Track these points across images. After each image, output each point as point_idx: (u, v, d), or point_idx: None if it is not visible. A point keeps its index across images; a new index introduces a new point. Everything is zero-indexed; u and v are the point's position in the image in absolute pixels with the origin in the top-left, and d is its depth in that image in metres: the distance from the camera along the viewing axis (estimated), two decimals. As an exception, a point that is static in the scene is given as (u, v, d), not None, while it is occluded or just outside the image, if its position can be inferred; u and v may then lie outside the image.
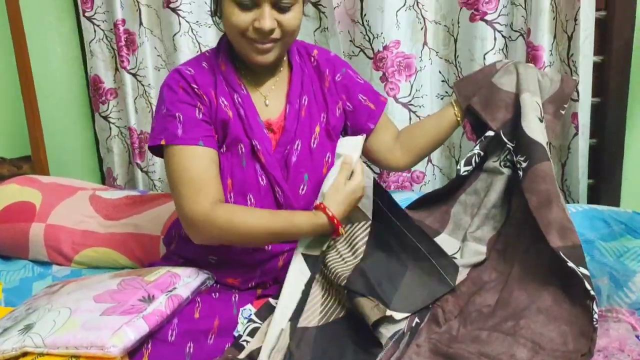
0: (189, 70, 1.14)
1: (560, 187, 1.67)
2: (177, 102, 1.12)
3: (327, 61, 1.25)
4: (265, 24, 1.05)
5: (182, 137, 1.10)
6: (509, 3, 1.59)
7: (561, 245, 1.04)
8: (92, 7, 1.93)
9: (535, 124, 1.16)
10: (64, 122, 2.14)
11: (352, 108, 1.27)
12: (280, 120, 1.19)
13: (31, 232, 1.56)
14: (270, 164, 1.15)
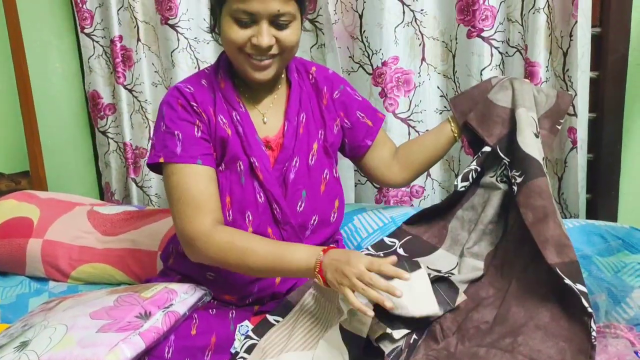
0: (188, 88, 1.14)
1: (557, 201, 1.67)
2: (176, 119, 1.12)
3: (326, 79, 1.26)
4: (263, 40, 1.06)
5: (181, 155, 1.10)
6: (506, 20, 1.60)
7: (558, 262, 1.03)
8: (91, 24, 1.95)
9: (530, 139, 1.16)
10: (62, 137, 2.14)
11: (350, 125, 1.27)
12: (278, 137, 1.19)
13: (28, 248, 1.56)
14: (268, 181, 1.15)
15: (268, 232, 1.17)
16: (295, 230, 1.18)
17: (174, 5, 1.79)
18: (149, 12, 1.88)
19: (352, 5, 1.68)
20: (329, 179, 1.22)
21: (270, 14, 1.05)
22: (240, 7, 1.04)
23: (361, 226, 1.48)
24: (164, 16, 1.81)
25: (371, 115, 1.29)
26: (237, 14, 1.06)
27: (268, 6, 1.04)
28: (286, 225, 1.17)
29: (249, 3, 1.04)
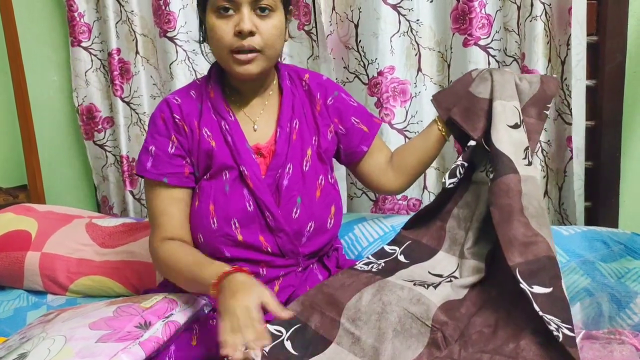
0: (176, 100, 1.18)
1: (557, 210, 1.67)
2: (155, 134, 1.17)
3: (319, 85, 1.26)
4: (245, 25, 1.07)
5: (150, 171, 1.16)
6: (502, 28, 1.61)
7: (520, 262, 1.02)
8: (89, 37, 1.96)
9: (503, 133, 1.14)
10: (59, 150, 2.14)
11: (345, 131, 1.27)
12: (270, 144, 1.19)
13: (26, 261, 1.55)
14: (259, 189, 1.15)
15: (260, 240, 1.16)
16: (290, 238, 1.17)
17: (173, 18, 1.80)
18: (148, 25, 1.89)
19: (348, 15, 1.69)
20: (324, 185, 1.21)
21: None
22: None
23: (362, 235, 1.47)
24: (162, 29, 1.82)
25: (367, 121, 1.29)
26: (217, 2, 1.08)
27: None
28: (280, 232, 1.16)
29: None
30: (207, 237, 1.16)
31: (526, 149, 1.15)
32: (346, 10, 1.69)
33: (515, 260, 1.03)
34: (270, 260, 1.17)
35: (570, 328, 0.95)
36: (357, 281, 1.14)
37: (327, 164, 1.25)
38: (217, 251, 1.16)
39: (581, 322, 1.08)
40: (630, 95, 1.62)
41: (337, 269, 1.28)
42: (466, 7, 1.57)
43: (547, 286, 1.00)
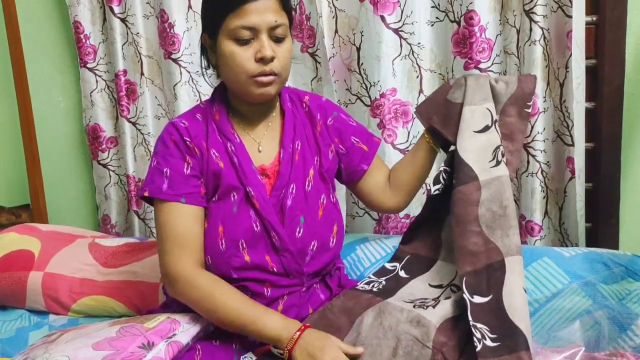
0: (183, 123, 1.19)
1: (558, 230, 1.68)
2: (167, 156, 1.17)
3: (319, 106, 1.29)
4: (267, 51, 1.10)
5: (166, 192, 1.15)
6: (502, 52, 1.63)
7: (469, 271, 1.06)
8: (94, 59, 1.98)
9: (467, 142, 1.17)
10: (63, 170, 2.15)
11: (345, 150, 1.29)
12: (274, 165, 1.21)
13: (29, 281, 1.55)
14: (265, 209, 1.16)
15: (266, 260, 1.16)
16: (295, 257, 1.18)
17: (177, 40, 1.82)
18: (153, 47, 1.92)
19: (350, 38, 1.72)
20: (326, 204, 1.23)
21: (268, 25, 1.10)
22: (239, 23, 1.09)
23: (364, 256, 1.48)
24: (167, 51, 1.84)
25: (366, 140, 1.31)
26: (237, 32, 1.10)
27: (266, 17, 1.09)
28: (285, 252, 1.17)
29: (247, 17, 1.09)
30: (216, 259, 1.16)
31: (496, 149, 1.16)
32: (348, 33, 1.72)
33: (464, 270, 1.07)
34: (275, 280, 1.18)
35: (495, 338, 0.99)
36: (358, 303, 1.15)
37: (329, 183, 1.26)
38: (225, 272, 1.16)
39: (581, 341, 1.08)
40: (629, 117, 1.64)
41: (339, 288, 1.29)
42: (467, 32, 1.60)
43: (485, 295, 1.04)
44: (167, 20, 1.81)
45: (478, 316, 1.03)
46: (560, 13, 1.53)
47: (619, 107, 1.63)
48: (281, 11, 1.13)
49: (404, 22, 1.66)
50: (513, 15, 1.60)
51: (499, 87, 1.23)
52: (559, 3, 1.53)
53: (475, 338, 1.00)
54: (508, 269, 1.06)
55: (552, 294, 1.27)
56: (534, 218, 1.64)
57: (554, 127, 1.63)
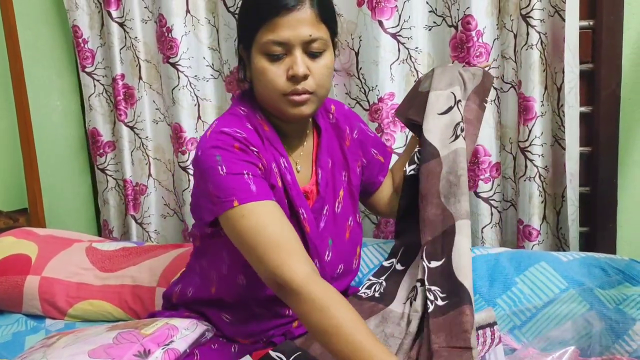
0: (238, 132, 1.04)
1: (555, 235, 1.68)
2: (238, 161, 1.01)
3: (345, 118, 1.23)
4: (299, 69, 1.01)
5: (258, 193, 0.98)
6: (500, 56, 1.64)
7: (429, 239, 1.12)
8: (92, 63, 1.98)
9: (431, 124, 1.23)
10: (60, 175, 2.15)
11: (367, 163, 1.26)
12: (312, 185, 1.14)
13: (26, 285, 1.55)
14: (314, 234, 1.07)
15: None
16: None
17: (175, 45, 1.82)
18: (151, 51, 1.92)
19: (349, 43, 1.72)
20: (353, 226, 1.19)
21: (302, 40, 1.01)
22: (270, 38, 1.01)
23: (362, 262, 1.47)
24: (165, 55, 1.84)
25: (382, 151, 1.30)
26: (267, 47, 1.02)
27: (299, 32, 1.01)
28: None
29: (278, 32, 1.01)
30: (250, 278, 1.06)
31: (456, 125, 1.22)
32: (347, 38, 1.72)
33: (425, 239, 1.12)
34: None
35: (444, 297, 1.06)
36: (360, 311, 1.14)
37: (356, 201, 1.21)
38: (257, 293, 1.10)
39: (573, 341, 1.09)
40: (626, 122, 1.64)
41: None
42: (464, 36, 1.60)
43: (439, 259, 1.11)
44: (165, 24, 1.81)
45: (432, 279, 1.09)
46: (557, 17, 1.54)
47: (615, 111, 1.63)
48: (319, 23, 1.03)
49: (401, 26, 1.66)
50: (510, 19, 1.60)
51: (466, 76, 1.30)
52: (555, 8, 1.54)
53: (428, 300, 1.05)
54: (457, 232, 1.12)
55: (549, 298, 1.27)
56: (532, 223, 1.64)
57: (551, 131, 1.63)
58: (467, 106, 1.28)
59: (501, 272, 1.36)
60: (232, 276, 1.11)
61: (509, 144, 1.69)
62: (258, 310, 1.14)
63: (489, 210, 1.69)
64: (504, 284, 1.34)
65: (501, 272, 1.36)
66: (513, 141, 1.68)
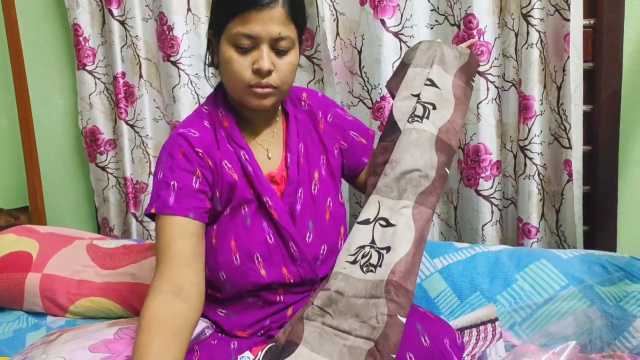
0: (192, 133, 1.10)
1: (555, 232, 1.68)
2: (175, 168, 1.08)
3: (319, 103, 1.27)
4: (264, 64, 1.05)
5: (173, 207, 1.06)
6: (501, 55, 1.64)
7: None
8: (93, 61, 1.99)
9: (402, 103, 1.21)
10: (61, 172, 2.16)
11: (347, 146, 1.28)
12: (281, 170, 1.18)
13: (27, 282, 1.55)
14: (283, 218, 1.12)
15: (283, 273, 1.14)
16: (311, 265, 1.15)
17: (176, 43, 1.83)
18: (152, 50, 1.92)
19: (352, 42, 1.72)
20: (333, 207, 1.21)
21: (271, 37, 1.05)
22: (241, 30, 1.04)
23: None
24: (165, 53, 1.85)
25: (364, 134, 1.31)
26: (237, 39, 1.05)
27: (269, 28, 1.04)
28: (303, 262, 1.14)
29: (249, 25, 1.04)
30: (230, 274, 1.13)
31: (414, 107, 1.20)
32: (350, 37, 1.72)
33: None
34: (289, 288, 1.16)
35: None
36: None
37: (337, 181, 1.24)
38: (241, 286, 1.13)
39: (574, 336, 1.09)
40: (626, 120, 1.65)
41: None
42: (466, 35, 1.61)
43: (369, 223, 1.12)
44: (166, 22, 1.82)
45: None
46: (558, 16, 1.54)
47: (616, 110, 1.64)
48: (289, 23, 1.06)
49: (403, 25, 1.66)
50: (511, 18, 1.60)
51: (452, 53, 1.28)
52: (556, 7, 1.54)
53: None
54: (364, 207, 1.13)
55: (549, 295, 1.28)
56: (531, 220, 1.64)
57: (550, 129, 1.64)
58: (454, 82, 1.24)
59: (501, 269, 1.37)
60: (214, 272, 1.14)
61: (509, 142, 1.69)
62: (250, 299, 1.16)
63: (490, 208, 1.69)
64: (505, 281, 1.34)
65: (501, 269, 1.37)
66: (513, 139, 1.68)
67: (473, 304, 1.33)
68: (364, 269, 1.05)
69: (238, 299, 1.16)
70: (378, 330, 0.98)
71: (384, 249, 1.06)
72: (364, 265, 1.06)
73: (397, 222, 1.09)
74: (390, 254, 1.05)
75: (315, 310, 1.03)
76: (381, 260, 1.05)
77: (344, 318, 1.01)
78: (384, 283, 1.02)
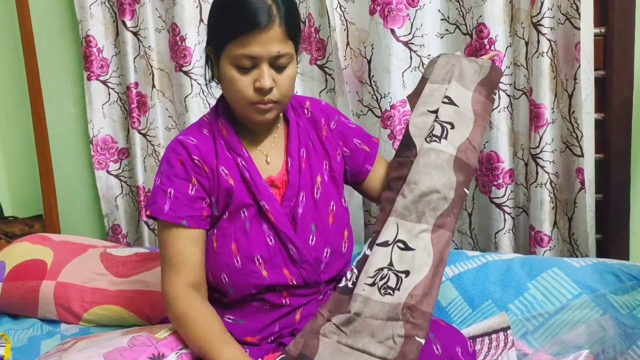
0: (191, 140, 1.16)
1: (567, 241, 1.68)
2: (172, 176, 1.15)
3: (321, 111, 1.30)
4: (265, 83, 1.09)
5: (167, 214, 1.13)
6: (512, 64, 1.64)
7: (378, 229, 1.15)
8: (107, 71, 2.01)
9: (419, 119, 1.23)
10: (75, 181, 2.18)
11: (350, 153, 1.30)
12: (282, 174, 1.21)
13: (41, 290, 1.57)
14: (280, 221, 1.16)
15: (285, 274, 1.16)
16: (313, 267, 1.18)
17: (188, 53, 1.85)
18: (164, 60, 1.94)
19: (361, 51, 1.73)
20: (336, 211, 1.23)
21: (270, 56, 1.08)
22: (241, 52, 1.08)
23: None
24: (178, 63, 1.87)
25: (367, 142, 1.33)
26: (238, 60, 1.09)
27: (269, 48, 1.08)
28: (304, 263, 1.16)
29: (249, 47, 1.07)
30: (232, 276, 1.15)
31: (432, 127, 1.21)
32: (359, 46, 1.73)
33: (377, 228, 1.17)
34: (294, 290, 1.18)
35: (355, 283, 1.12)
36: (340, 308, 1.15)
37: (340, 186, 1.27)
38: (243, 289, 1.16)
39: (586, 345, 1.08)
40: (638, 128, 1.64)
41: None
42: (477, 44, 1.61)
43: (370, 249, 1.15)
44: (178, 33, 1.84)
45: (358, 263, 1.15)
46: (568, 25, 1.54)
47: (628, 118, 1.63)
48: (286, 40, 1.10)
49: (413, 34, 1.67)
50: (522, 27, 1.61)
51: (472, 67, 1.27)
52: (566, 15, 1.54)
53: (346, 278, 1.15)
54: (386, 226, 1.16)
55: (562, 304, 1.27)
56: (543, 229, 1.64)
57: (562, 138, 1.63)
58: (473, 98, 1.24)
59: (513, 278, 1.37)
60: (217, 275, 1.17)
61: (520, 150, 1.69)
62: (255, 304, 1.18)
63: (502, 217, 1.69)
64: (517, 290, 1.34)
65: (513, 277, 1.37)
66: (525, 148, 1.68)
67: (485, 313, 1.33)
68: (381, 292, 1.08)
69: (243, 304, 1.18)
70: (395, 350, 1.00)
71: (403, 272, 1.09)
72: (381, 288, 1.08)
73: (416, 246, 1.11)
74: (409, 278, 1.07)
75: (332, 328, 1.06)
76: (400, 284, 1.08)
77: (359, 337, 1.03)
78: (401, 306, 1.04)
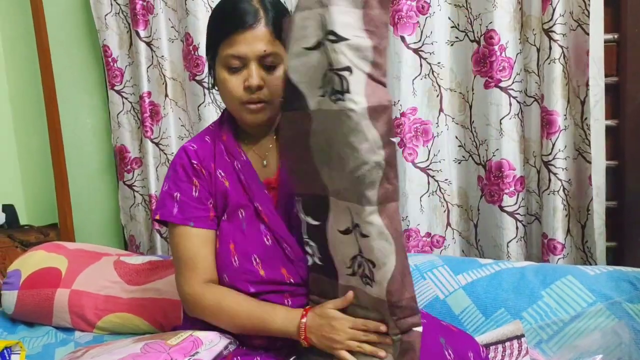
0: (192, 147, 1.23)
1: (581, 248, 1.66)
2: (177, 181, 1.21)
3: None
4: (253, 81, 1.13)
5: (176, 216, 1.19)
6: (523, 70, 1.64)
7: (304, 193, 1.11)
8: (121, 81, 2.04)
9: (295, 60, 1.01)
10: (90, 190, 2.20)
11: None
12: (277, 177, 1.24)
13: (56, 298, 1.58)
14: (274, 222, 1.19)
15: (282, 273, 1.18)
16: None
17: (201, 62, 1.87)
18: (177, 69, 1.96)
19: (372, 59, 1.74)
20: None
21: (257, 55, 1.13)
22: (229, 52, 1.13)
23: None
24: (191, 72, 1.89)
25: None
26: (227, 60, 1.14)
27: (254, 47, 1.12)
28: (300, 262, 1.18)
29: (236, 47, 1.12)
30: (231, 275, 1.19)
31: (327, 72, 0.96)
32: (369, 53, 1.74)
33: (299, 191, 1.13)
34: (294, 290, 1.19)
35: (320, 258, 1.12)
36: None
37: None
38: (242, 288, 1.18)
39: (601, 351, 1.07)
40: (653, 135, 1.63)
41: None
42: (487, 51, 1.61)
43: (317, 220, 1.11)
44: (191, 42, 1.86)
45: (310, 234, 1.13)
46: (580, 31, 1.54)
47: (642, 124, 1.62)
48: (274, 40, 1.13)
49: (423, 42, 1.68)
50: (533, 34, 1.60)
51: None
52: (578, 22, 1.54)
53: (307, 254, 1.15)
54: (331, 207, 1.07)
55: (576, 312, 1.26)
56: (556, 236, 1.62)
57: (574, 144, 1.62)
58: (365, 16, 0.94)
59: (527, 286, 1.35)
60: (218, 275, 1.21)
61: (532, 157, 1.68)
62: None
63: (514, 225, 1.68)
64: (530, 298, 1.33)
65: (527, 285, 1.36)
66: (536, 155, 1.67)
67: (498, 321, 1.32)
68: (363, 280, 1.06)
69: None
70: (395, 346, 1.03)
71: (369, 262, 1.02)
72: (362, 277, 1.06)
73: (369, 232, 0.99)
74: (378, 271, 1.01)
75: None
76: (372, 274, 1.02)
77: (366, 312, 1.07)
78: (386, 305, 1.02)
